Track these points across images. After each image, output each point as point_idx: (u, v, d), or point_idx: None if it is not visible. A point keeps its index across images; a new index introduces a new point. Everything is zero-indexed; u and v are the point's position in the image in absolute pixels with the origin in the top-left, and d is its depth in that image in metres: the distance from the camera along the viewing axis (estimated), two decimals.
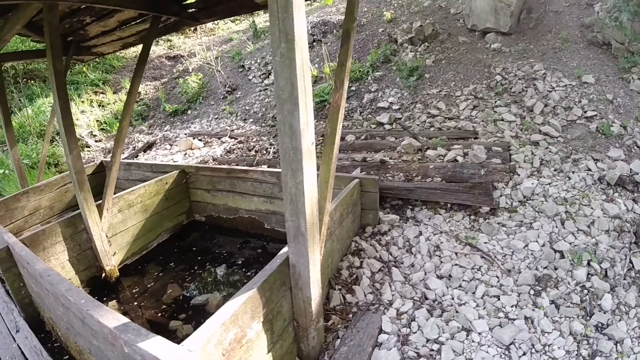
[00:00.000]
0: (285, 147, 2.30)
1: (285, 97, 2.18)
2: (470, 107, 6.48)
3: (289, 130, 2.25)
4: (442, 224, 4.41)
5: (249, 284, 2.47)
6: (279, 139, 2.37)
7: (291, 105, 2.18)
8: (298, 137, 2.23)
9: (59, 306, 3.01)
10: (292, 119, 2.21)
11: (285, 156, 2.33)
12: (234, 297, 2.33)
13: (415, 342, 3.03)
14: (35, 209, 6.46)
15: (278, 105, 2.25)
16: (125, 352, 2.06)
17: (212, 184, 5.66)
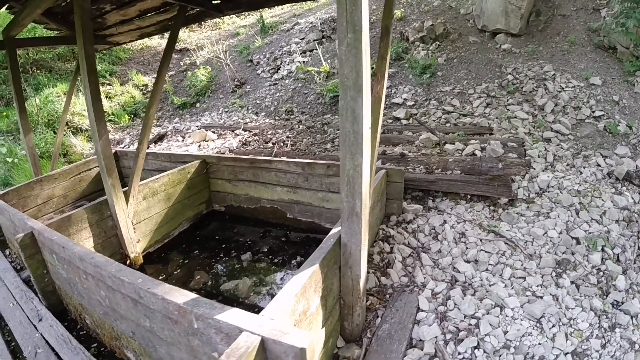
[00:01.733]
0: (346, 131, 2.43)
1: (349, 84, 2.31)
2: (484, 105, 6.65)
3: (351, 115, 2.38)
4: (465, 214, 4.57)
5: (310, 260, 2.56)
6: (340, 124, 2.48)
7: (355, 91, 2.31)
8: (360, 122, 2.36)
9: (100, 290, 3.03)
10: (354, 105, 2.34)
11: (346, 140, 2.45)
12: (300, 271, 2.42)
13: (453, 318, 3.24)
14: (48, 198, 6.44)
15: (341, 91, 2.37)
16: (195, 328, 2.14)
17: (233, 174, 5.71)
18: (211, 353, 2.14)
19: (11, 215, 4.72)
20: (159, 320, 2.44)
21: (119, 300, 2.82)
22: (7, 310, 4.37)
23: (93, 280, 3.06)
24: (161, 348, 2.67)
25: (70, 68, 12.20)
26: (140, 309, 2.57)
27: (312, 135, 6.94)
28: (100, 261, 2.86)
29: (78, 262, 3.14)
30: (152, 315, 2.48)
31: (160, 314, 2.37)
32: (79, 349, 3.48)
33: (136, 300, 2.55)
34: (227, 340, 1.99)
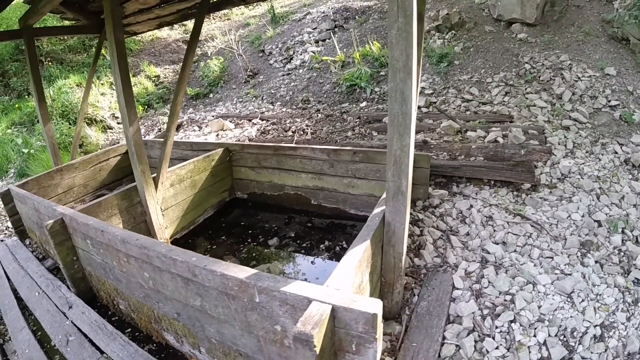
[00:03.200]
0: (394, 112, 2.50)
1: (399, 66, 2.37)
2: (503, 94, 6.69)
3: (400, 97, 2.44)
4: (490, 198, 4.65)
5: (360, 236, 2.63)
6: (388, 105, 2.55)
7: (404, 74, 2.37)
8: (408, 103, 2.44)
9: (144, 272, 3.08)
10: (404, 87, 2.41)
11: (394, 121, 2.52)
12: (353, 246, 2.49)
13: (489, 295, 3.36)
14: (69, 187, 6.47)
15: (391, 73, 2.44)
16: (256, 302, 2.20)
17: (257, 161, 5.75)
18: (272, 326, 2.20)
19: (36, 204, 4.75)
20: (213, 297, 2.49)
21: (165, 281, 2.87)
22: (32, 300, 4.39)
23: (136, 263, 3.10)
24: (210, 327, 2.73)
25: (81, 60, 12.22)
26: (192, 288, 2.62)
27: (332, 124, 6.97)
28: (148, 242, 2.91)
29: (119, 245, 3.17)
30: (206, 293, 2.53)
31: (216, 291, 2.42)
32: (116, 334, 3.50)
33: (188, 279, 2.60)
34: (291, 312, 2.04)
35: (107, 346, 3.39)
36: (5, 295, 4.62)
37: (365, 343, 1.90)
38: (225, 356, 2.80)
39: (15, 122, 10.31)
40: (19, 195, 5.46)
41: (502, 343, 2.93)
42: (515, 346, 2.88)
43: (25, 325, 4.03)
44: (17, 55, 12.11)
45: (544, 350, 2.83)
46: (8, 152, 9.31)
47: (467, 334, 3.04)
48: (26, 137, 9.48)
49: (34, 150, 8.96)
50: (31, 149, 9.02)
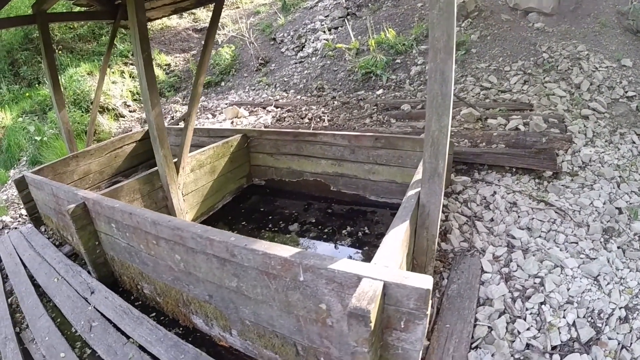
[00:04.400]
0: (434, 93, 2.47)
1: (440, 46, 2.34)
2: (521, 82, 6.65)
3: (440, 77, 2.41)
4: (513, 185, 4.63)
5: (399, 217, 2.61)
6: (427, 85, 2.52)
7: (445, 54, 2.35)
8: (448, 84, 2.41)
9: (175, 254, 3.05)
10: (444, 67, 2.38)
11: (433, 101, 2.49)
12: (393, 227, 2.47)
13: (519, 278, 3.39)
14: (84, 174, 6.45)
15: (431, 53, 2.40)
16: (300, 281, 2.18)
17: (276, 148, 5.71)
18: (316, 305, 2.18)
19: (54, 189, 4.73)
20: (251, 278, 2.48)
21: (199, 263, 2.85)
22: (51, 286, 4.38)
23: (166, 245, 3.08)
24: (245, 308, 2.72)
25: (91, 49, 12.19)
26: (229, 269, 2.60)
27: (349, 111, 6.94)
28: (181, 223, 2.88)
29: (149, 227, 3.14)
30: (244, 273, 2.51)
31: (256, 271, 2.40)
32: (142, 319, 3.49)
33: (225, 260, 2.58)
34: (338, 290, 2.03)
35: (133, 331, 3.38)
36: (22, 283, 4.61)
37: (415, 320, 1.89)
38: (260, 338, 2.80)
39: (26, 111, 10.31)
40: (35, 181, 5.44)
41: (533, 324, 2.98)
42: (546, 327, 2.92)
43: (44, 312, 4.02)
44: (27, 45, 12.09)
45: (573, 331, 2.88)
46: (20, 140, 9.32)
47: (498, 315, 3.08)
48: (39, 124, 9.48)
49: (46, 138, 8.95)
50: (44, 136, 9.02)
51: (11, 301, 4.48)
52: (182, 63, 12.15)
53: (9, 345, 3.67)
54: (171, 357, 3.02)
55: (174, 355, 3.04)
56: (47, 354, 3.43)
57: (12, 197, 7.86)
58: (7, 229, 6.71)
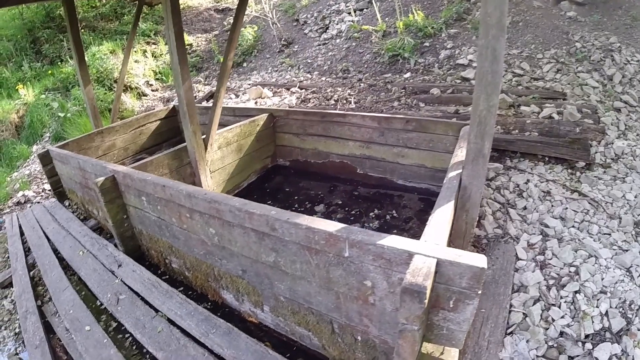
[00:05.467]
0: (483, 71, 2.39)
1: (492, 22, 2.26)
2: (554, 70, 6.49)
3: (491, 55, 2.34)
4: (546, 174, 4.53)
5: (443, 197, 2.57)
6: (477, 62, 2.43)
7: (497, 30, 2.27)
8: (499, 62, 2.34)
9: (210, 227, 3.03)
10: (496, 44, 2.30)
11: (482, 79, 2.41)
12: (438, 206, 2.43)
13: (554, 266, 3.36)
14: (109, 150, 6.47)
15: (482, 30, 2.33)
16: (345, 256, 2.14)
17: (302, 128, 5.64)
18: (360, 282, 2.14)
19: (81, 162, 4.74)
20: (291, 253, 2.45)
21: (235, 237, 2.82)
22: (76, 259, 4.41)
23: (201, 218, 3.06)
24: (281, 284, 2.70)
25: (113, 28, 12.20)
26: (267, 243, 2.58)
27: (376, 94, 6.82)
28: (219, 196, 2.85)
29: (184, 200, 3.13)
30: (283, 248, 2.48)
31: (297, 246, 2.37)
32: (172, 292, 3.49)
33: (264, 234, 2.55)
34: (385, 267, 1.98)
35: (162, 304, 3.39)
36: (45, 255, 4.65)
37: (465, 299, 1.84)
38: (294, 314, 2.78)
39: (49, 88, 10.38)
40: (61, 155, 5.47)
41: (567, 312, 2.97)
42: (580, 315, 2.91)
43: (68, 284, 4.04)
44: (49, 23, 12.14)
45: (605, 321, 2.87)
46: (42, 116, 9.40)
47: (533, 302, 3.07)
48: (62, 101, 9.53)
49: (70, 114, 9.01)
50: (67, 113, 9.07)
51: (33, 274, 4.54)
52: (203, 43, 12.08)
53: (30, 318, 3.70)
54: (202, 331, 3.03)
55: (205, 329, 3.04)
56: (71, 327, 3.45)
57: (34, 172, 7.95)
58: (29, 203, 6.80)
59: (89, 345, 3.17)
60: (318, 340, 2.75)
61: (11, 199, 7.03)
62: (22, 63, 11.40)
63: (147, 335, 3.13)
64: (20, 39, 12.00)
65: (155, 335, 3.11)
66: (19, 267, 4.56)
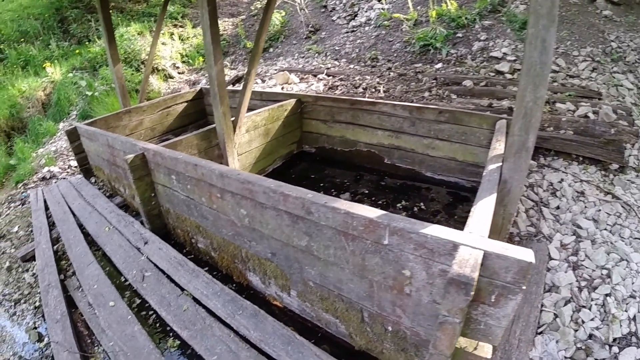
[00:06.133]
0: (532, 61, 2.32)
1: (542, 12, 2.20)
2: (590, 69, 6.31)
3: (541, 45, 2.27)
4: (580, 174, 4.42)
5: (484, 189, 2.50)
6: (525, 53, 2.36)
7: (548, 21, 2.21)
8: (549, 53, 2.27)
9: (241, 208, 3.01)
10: (546, 34, 2.24)
11: (530, 70, 2.34)
12: (480, 198, 2.37)
13: (586, 268, 3.32)
14: (135, 128, 6.52)
15: (532, 19, 2.26)
16: (384, 244, 2.09)
17: (330, 115, 5.57)
18: (398, 271, 2.10)
19: (110, 140, 4.76)
20: (326, 238, 2.41)
21: (267, 219, 2.80)
22: (101, 235, 4.45)
23: (232, 199, 3.05)
24: (312, 269, 2.67)
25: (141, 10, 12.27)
26: (300, 227, 2.54)
27: (406, 83, 6.70)
28: (252, 177, 2.83)
29: (215, 180, 3.12)
30: (318, 232, 2.44)
31: (333, 231, 2.33)
32: (198, 271, 3.51)
33: (298, 217, 2.52)
34: (427, 256, 1.94)
35: (189, 283, 3.40)
36: (70, 230, 4.70)
37: (508, 294, 1.78)
38: (322, 301, 2.75)
39: (76, 67, 10.50)
40: (88, 132, 5.52)
41: (597, 315, 2.94)
42: (610, 319, 2.89)
43: (93, 260, 4.08)
44: (76, 2, 12.24)
45: (632, 325, 2.85)
46: (69, 94, 9.51)
47: (564, 303, 3.03)
48: (90, 80, 9.63)
49: (97, 93, 9.09)
50: (95, 92, 9.16)
51: (57, 248, 4.60)
52: (230, 27, 12.05)
53: (52, 292, 3.73)
54: (228, 312, 3.03)
55: (231, 310, 3.04)
56: (94, 302, 3.48)
57: (61, 148, 8.06)
58: (54, 179, 6.89)
59: (112, 321, 3.20)
60: (345, 328, 2.72)
61: (36, 174, 7.15)
62: (49, 42, 11.55)
63: (172, 313, 3.15)
64: (48, 17, 12.15)
65: (180, 314, 3.12)
66: (43, 241, 4.63)
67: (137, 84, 9.48)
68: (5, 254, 4.95)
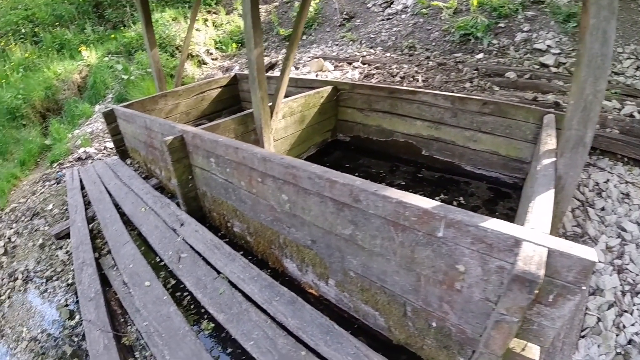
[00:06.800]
0: (593, 53, 2.23)
1: (604, 3, 2.13)
2: (634, 67, 6.03)
3: (602, 37, 2.18)
4: (625, 175, 4.25)
5: (541, 184, 2.40)
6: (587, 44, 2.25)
7: (609, 12, 2.13)
8: (609, 45, 2.19)
9: (282, 194, 2.98)
10: (607, 26, 2.16)
11: (591, 62, 2.24)
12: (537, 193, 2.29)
13: (631, 272, 3.20)
14: (170, 112, 6.58)
15: (594, 10, 2.17)
16: (438, 236, 2.02)
17: (367, 103, 5.46)
18: (450, 265, 2.03)
19: (148, 122, 4.79)
20: (373, 227, 2.34)
21: (310, 205, 2.76)
22: (137, 215, 4.50)
23: (274, 184, 3.02)
24: (354, 259, 2.62)
25: None
26: (346, 215, 2.48)
27: (446, 73, 6.53)
28: (297, 161, 2.78)
29: (257, 164, 3.09)
30: (365, 221, 2.38)
31: (381, 220, 2.26)
32: (234, 255, 3.51)
33: (344, 205, 2.45)
34: (485, 251, 1.86)
35: (225, 267, 3.41)
36: (106, 210, 4.77)
37: (567, 294, 1.70)
38: (362, 291, 2.70)
39: (111, 51, 10.66)
40: (126, 114, 5.58)
41: (638, 320, 2.85)
42: None
43: (129, 239, 4.13)
44: None
45: None
46: (105, 78, 9.67)
47: (608, 307, 2.96)
48: (126, 64, 9.76)
49: (133, 77, 9.22)
50: (130, 75, 9.28)
51: (92, 227, 4.67)
52: (263, 14, 11.99)
53: (86, 270, 3.78)
54: (265, 298, 3.02)
55: (269, 296, 3.03)
56: (129, 281, 3.52)
57: (96, 130, 8.21)
58: (90, 159, 7.02)
59: (147, 301, 3.23)
60: (384, 321, 2.67)
61: (72, 155, 7.31)
62: (84, 26, 11.76)
63: (209, 296, 3.16)
64: (83, 2, 12.36)
65: (216, 297, 3.13)
66: (78, 219, 4.72)
67: (171, 69, 9.57)
68: (38, 231, 5.07)
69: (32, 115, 9.27)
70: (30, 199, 6.09)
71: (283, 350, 2.56)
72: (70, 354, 3.27)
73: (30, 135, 8.61)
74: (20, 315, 3.84)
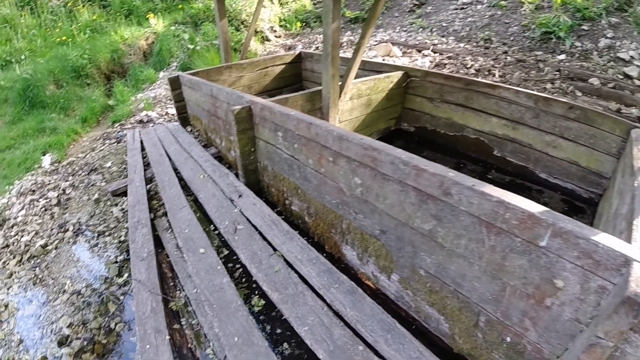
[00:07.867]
0: None
1: None
2: None
3: None
4: None
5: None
6: None
7: None
8: None
9: (355, 177, 2.80)
10: None
11: None
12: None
13: None
14: (233, 84, 6.56)
15: None
16: (539, 245, 1.78)
17: (440, 94, 5.13)
18: (546, 279, 1.80)
19: (215, 90, 4.74)
20: (460, 225, 2.12)
21: (386, 192, 2.55)
22: (195, 182, 4.47)
23: (347, 165, 2.84)
24: (428, 257, 2.40)
25: None
26: (429, 208, 2.27)
27: (525, 71, 6.13)
28: (378, 144, 2.59)
29: (331, 142, 2.92)
30: (451, 218, 2.15)
31: (472, 219, 2.04)
32: (292, 234, 3.41)
33: (430, 197, 2.24)
34: (590, 268, 1.62)
35: (282, 244, 3.31)
36: (165, 172, 4.79)
37: None
38: (430, 293, 2.50)
39: (178, 21, 10.79)
40: (192, 81, 5.57)
41: None
42: None
43: (186, 204, 4.11)
44: None
45: None
46: (171, 46, 9.81)
47: None
48: (192, 34, 9.85)
49: (199, 47, 9.29)
50: (196, 45, 9.36)
51: (149, 188, 4.72)
52: None
53: (140, 230, 3.77)
54: (323, 283, 2.89)
55: (327, 282, 2.90)
56: (184, 246, 3.48)
57: (159, 95, 8.35)
58: (151, 123, 7.13)
59: (200, 269, 3.18)
60: (449, 327, 2.46)
61: (134, 117, 7.47)
62: None
63: (263, 272, 3.07)
64: None
65: (272, 274, 3.04)
66: (137, 179, 4.77)
67: (235, 43, 9.58)
68: (95, 186, 5.17)
69: (96, 76, 9.54)
70: (89, 154, 6.26)
71: (339, 342, 2.43)
72: (113, 311, 3.28)
73: (94, 94, 8.88)
74: (66, 267, 3.89)
